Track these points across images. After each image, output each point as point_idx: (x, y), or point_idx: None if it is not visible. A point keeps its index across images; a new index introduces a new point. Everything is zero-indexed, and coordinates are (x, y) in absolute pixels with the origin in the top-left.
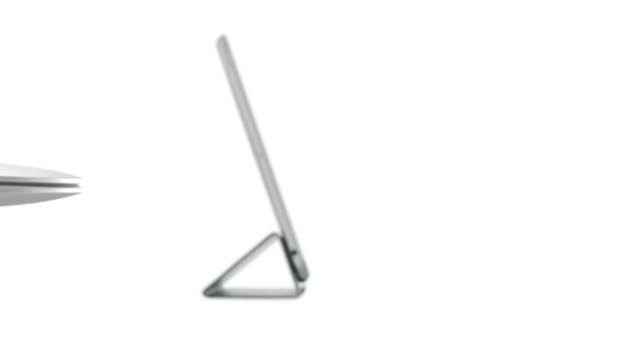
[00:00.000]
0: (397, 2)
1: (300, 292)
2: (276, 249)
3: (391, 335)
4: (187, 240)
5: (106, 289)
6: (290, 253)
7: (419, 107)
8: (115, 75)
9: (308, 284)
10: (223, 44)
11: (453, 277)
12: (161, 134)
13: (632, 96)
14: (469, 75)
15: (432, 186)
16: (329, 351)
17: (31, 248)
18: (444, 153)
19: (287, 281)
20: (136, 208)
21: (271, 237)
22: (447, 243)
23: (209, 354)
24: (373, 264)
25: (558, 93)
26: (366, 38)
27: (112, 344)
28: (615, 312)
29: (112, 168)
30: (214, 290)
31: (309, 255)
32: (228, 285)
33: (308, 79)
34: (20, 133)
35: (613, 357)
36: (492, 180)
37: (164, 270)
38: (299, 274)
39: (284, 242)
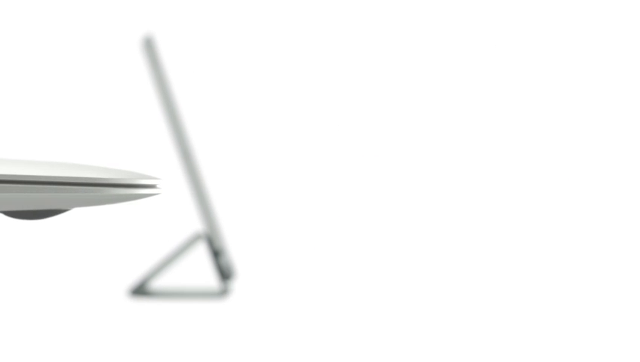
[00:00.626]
0: None
1: (225, 292)
2: (201, 248)
3: (317, 335)
4: (113, 239)
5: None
6: (215, 253)
7: (337, 98)
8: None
9: (234, 284)
10: (148, 43)
11: (379, 274)
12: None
13: (632, 96)
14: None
15: (361, 181)
16: (254, 352)
17: (110, 248)
18: (366, 141)
19: (212, 281)
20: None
21: (196, 236)
22: (371, 238)
23: (133, 355)
24: (300, 263)
25: (558, 92)
26: (292, 37)
27: (35, 344)
28: (615, 312)
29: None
30: (140, 290)
31: (236, 254)
32: (153, 285)
33: (234, 78)
34: (95, 134)
35: (614, 357)
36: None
37: (89, 270)
38: (224, 273)
39: (209, 241)
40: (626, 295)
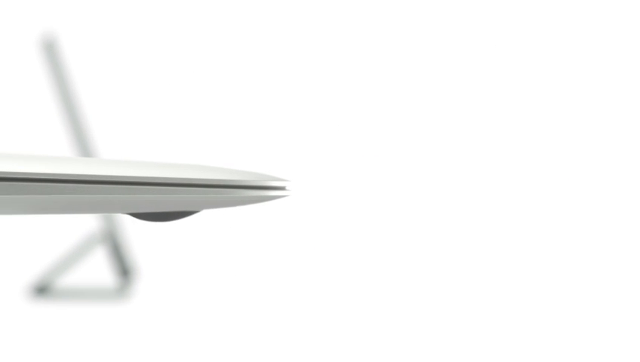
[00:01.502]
0: None
1: (124, 291)
2: (102, 248)
3: (219, 336)
4: (12, 238)
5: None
6: (115, 252)
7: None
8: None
9: (136, 284)
10: (48, 41)
11: (275, 270)
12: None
13: (632, 96)
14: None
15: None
16: (154, 352)
17: (240, 249)
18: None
19: (112, 281)
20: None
21: (94, 235)
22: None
23: (33, 355)
24: (203, 263)
25: (558, 92)
26: (202, 34)
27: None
28: (615, 312)
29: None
30: (39, 289)
31: (137, 254)
32: (53, 284)
33: (138, 77)
34: (222, 136)
35: (614, 357)
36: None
37: None
38: (124, 273)
39: (109, 241)
40: (625, 295)
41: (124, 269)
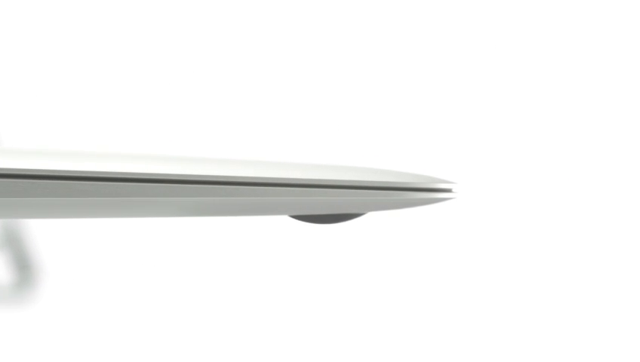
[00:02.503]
0: None
1: (23, 289)
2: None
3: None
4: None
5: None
6: (10, 241)
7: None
8: None
9: (38, 281)
10: None
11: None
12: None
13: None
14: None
15: None
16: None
17: (403, 252)
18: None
19: (6, 281)
20: (504, 213)
21: None
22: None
23: None
24: (364, 268)
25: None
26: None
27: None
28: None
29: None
30: None
31: (44, 255)
32: None
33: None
34: (384, 138)
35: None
36: None
37: None
38: (21, 264)
39: (6, 240)
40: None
41: (22, 264)
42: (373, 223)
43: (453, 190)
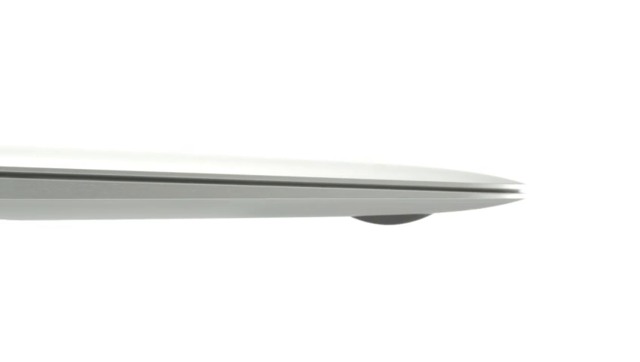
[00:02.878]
0: None
1: None
2: None
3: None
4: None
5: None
6: None
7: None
8: None
9: None
10: None
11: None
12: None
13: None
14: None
15: None
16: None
17: (470, 253)
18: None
19: None
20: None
21: None
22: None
23: None
24: (426, 270)
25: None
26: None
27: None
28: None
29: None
30: None
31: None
32: None
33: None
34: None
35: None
36: None
37: None
38: None
39: None
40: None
41: None
42: (438, 225)
43: (520, 191)
